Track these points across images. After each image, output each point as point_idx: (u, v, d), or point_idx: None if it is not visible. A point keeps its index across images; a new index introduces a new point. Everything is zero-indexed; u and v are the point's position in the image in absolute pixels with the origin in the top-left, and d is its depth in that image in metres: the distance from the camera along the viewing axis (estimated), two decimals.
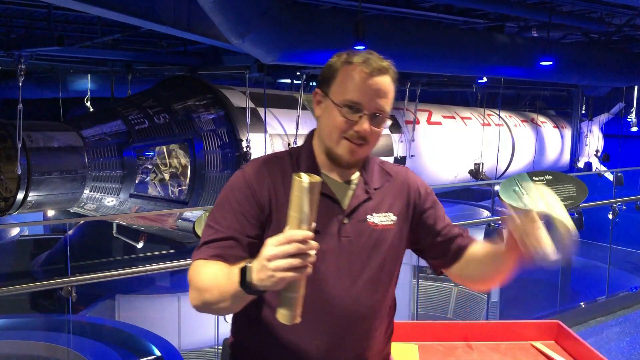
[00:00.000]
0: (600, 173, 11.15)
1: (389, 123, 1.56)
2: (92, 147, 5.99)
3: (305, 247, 1.19)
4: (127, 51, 8.93)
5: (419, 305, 9.76)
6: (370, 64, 1.50)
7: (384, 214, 1.58)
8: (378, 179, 1.62)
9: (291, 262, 1.19)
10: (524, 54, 8.03)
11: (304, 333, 1.50)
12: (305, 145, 1.61)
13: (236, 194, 1.52)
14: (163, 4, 5.16)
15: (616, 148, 14.73)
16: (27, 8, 7.02)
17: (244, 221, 1.49)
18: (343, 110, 1.49)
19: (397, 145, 8.76)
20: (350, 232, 1.54)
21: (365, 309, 1.55)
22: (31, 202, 5.65)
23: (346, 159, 1.52)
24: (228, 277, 1.32)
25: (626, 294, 6.98)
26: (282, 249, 1.19)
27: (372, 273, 1.56)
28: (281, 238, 1.20)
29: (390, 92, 1.53)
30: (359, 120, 1.48)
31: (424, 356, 1.87)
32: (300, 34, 5.86)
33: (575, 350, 1.82)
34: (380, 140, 1.61)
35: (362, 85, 1.49)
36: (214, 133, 6.69)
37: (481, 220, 8.32)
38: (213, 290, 1.36)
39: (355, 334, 1.55)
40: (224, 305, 1.37)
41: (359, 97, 1.48)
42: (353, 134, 1.49)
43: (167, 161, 6.56)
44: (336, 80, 1.52)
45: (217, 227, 1.49)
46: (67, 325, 5.37)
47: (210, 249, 1.47)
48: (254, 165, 1.57)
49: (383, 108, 1.50)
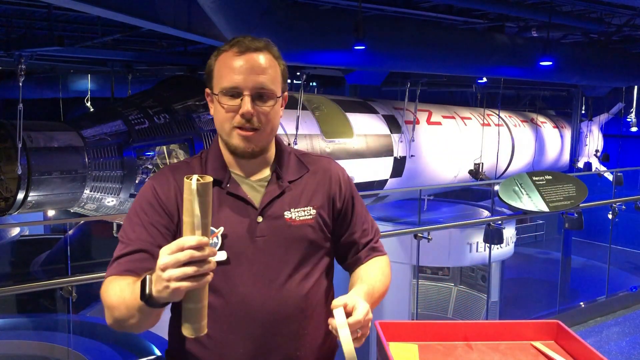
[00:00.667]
0: (600, 173, 11.17)
1: (279, 102, 1.49)
2: (92, 147, 5.99)
3: (199, 255, 1.12)
4: (127, 51, 8.93)
5: (419, 305, 9.78)
6: (241, 44, 1.44)
7: (302, 208, 1.52)
8: (294, 172, 1.56)
9: (184, 270, 1.12)
10: (524, 54, 8.03)
11: (228, 342, 1.46)
12: (213, 146, 1.56)
13: (143, 205, 1.47)
14: (163, 4, 5.16)
15: (616, 148, 14.74)
16: (27, 8, 7.02)
17: (154, 232, 1.43)
18: (224, 99, 1.44)
19: (397, 146, 8.76)
20: (266, 231, 1.47)
21: (290, 309, 1.48)
22: (31, 202, 5.65)
23: (242, 148, 1.46)
24: (132, 291, 1.26)
25: (626, 294, 6.98)
26: (174, 258, 1.12)
27: (293, 271, 1.50)
28: (173, 246, 1.13)
29: (270, 67, 1.46)
30: (242, 104, 1.42)
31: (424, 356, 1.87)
32: (300, 34, 5.86)
33: (575, 350, 1.82)
34: (380, 140, 1.59)
35: (234, 68, 1.43)
36: (214, 133, 6.70)
37: (481, 220, 8.32)
38: (120, 306, 1.31)
39: (282, 335, 1.48)
40: (134, 322, 1.31)
41: (235, 80, 1.42)
42: (240, 120, 1.43)
43: (167, 161, 6.56)
44: (214, 73, 1.48)
45: (127, 241, 1.44)
46: (67, 325, 5.37)
47: (120, 265, 1.41)
48: (161, 174, 1.53)
49: (263, 84, 1.43)
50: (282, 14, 5.61)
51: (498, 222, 5.86)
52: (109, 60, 9.07)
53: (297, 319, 1.50)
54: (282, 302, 1.48)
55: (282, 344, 1.49)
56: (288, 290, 1.49)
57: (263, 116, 1.45)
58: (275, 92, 1.47)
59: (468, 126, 10.69)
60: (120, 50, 8.93)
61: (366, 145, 8.25)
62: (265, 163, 1.55)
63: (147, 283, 1.20)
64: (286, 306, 1.48)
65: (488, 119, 11.32)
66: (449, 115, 10.59)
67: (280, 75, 1.50)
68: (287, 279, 1.49)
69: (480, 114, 11.23)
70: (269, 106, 1.46)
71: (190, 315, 1.20)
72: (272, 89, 1.46)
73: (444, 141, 10.02)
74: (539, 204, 5.72)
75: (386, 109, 9.25)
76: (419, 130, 9.33)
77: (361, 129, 8.31)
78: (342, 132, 8.06)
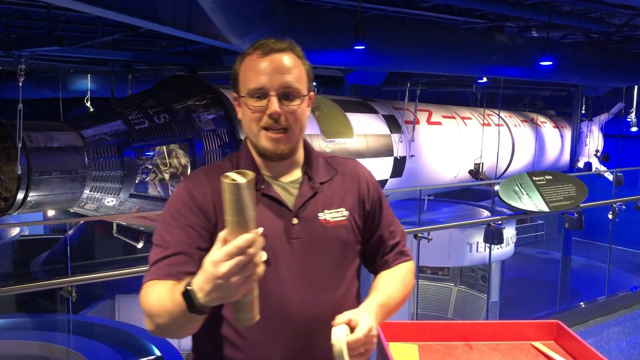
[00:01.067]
0: (600, 173, 11.17)
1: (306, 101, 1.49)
2: (92, 147, 5.98)
3: (253, 252, 1.10)
4: (127, 51, 8.92)
5: (419, 305, 9.78)
6: (265, 46, 1.45)
7: (335, 209, 1.52)
8: (324, 173, 1.56)
9: (244, 276, 1.10)
10: (524, 54, 8.03)
11: (266, 344, 1.43)
12: (243, 149, 1.56)
13: (179, 207, 1.45)
14: (163, 4, 5.15)
15: (616, 148, 14.74)
16: (27, 8, 7.01)
17: (193, 233, 1.41)
18: (250, 101, 1.44)
19: (397, 146, 8.75)
20: (301, 233, 1.47)
21: (327, 312, 1.45)
22: (31, 202, 5.64)
23: (271, 149, 1.46)
24: (172, 300, 1.23)
25: (626, 294, 6.99)
26: (237, 260, 1.09)
27: (330, 273, 1.49)
28: (233, 249, 1.09)
29: (295, 67, 1.46)
30: (268, 104, 1.42)
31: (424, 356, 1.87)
32: (300, 34, 5.86)
33: (575, 350, 1.82)
34: (380, 140, 1.59)
35: (260, 69, 1.43)
36: (214, 133, 6.69)
37: (481, 220, 8.32)
38: (162, 314, 1.27)
39: (318, 339, 1.45)
40: (178, 328, 1.29)
41: (260, 81, 1.42)
42: (268, 120, 1.43)
43: (167, 161, 6.56)
44: (240, 77, 1.48)
45: (164, 244, 1.41)
46: (67, 325, 5.37)
47: (159, 269, 1.39)
48: (194, 176, 1.52)
49: (289, 84, 1.44)
50: (282, 14, 5.60)
51: (498, 222, 5.87)
52: (109, 60, 9.07)
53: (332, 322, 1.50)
54: (319, 304, 1.47)
55: (317, 348, 1.46)
56: (325, 292, 1.48)
57: (291, 115, 1.45)
58: (301, 90, 1.47)
59: (468, 126, 10.68)
60: (120, 50, 8.92)
61: (366, 145, 8.24)
62: (295, 165, 1.55)
63: (192, 294, 1.16)
64: (323, 309, 1.46)
65: (488, 119, 11.32)
66: (449, 115, 10.58)
67: (305, 75, 1.50)
68: (324, 281, 1.48)
69: (480, 114, 11.23)
70: (295, 105, 1.46)
71: (244, 306, 1.19)
72: (298, 87, 1.46)
73: (444, 141, 10.02)
74: (539, 204, 5.72)
75: (386, 109, 9.25)
76: (419, 130, 9.33)
77: (361, 129, 8.31)
78: (342, 132, 8.06)
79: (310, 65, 1.55)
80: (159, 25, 5.23)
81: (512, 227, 9.53)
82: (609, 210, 6.92)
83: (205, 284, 1.13)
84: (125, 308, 6.94)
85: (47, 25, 7.21)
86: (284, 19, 5.60)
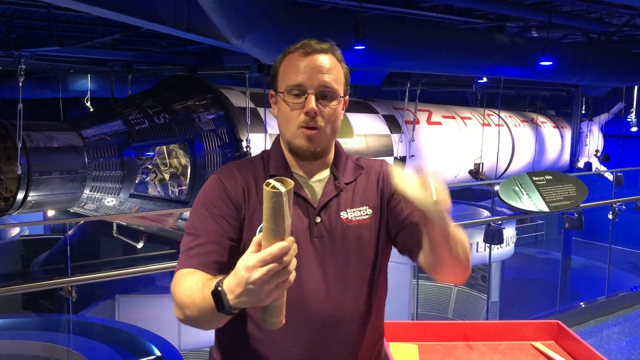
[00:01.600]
0: (600, 173, 11.17)
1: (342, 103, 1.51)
2: (92, 147, 5.99)
3: (286, 260, 1.11)
4: (127, 51, 8.92)
5: (419, 305, 9.78)
6: (308, 46, 1.48)
7: (358, 208, 1.52)
8: (350, 174, 1.57)
9: (276, 283, 1.11)
10: (524, 54, 8.03)
11: (284, 340, 1.45)
12: (274, 146, 1.58)
13: (212, 197, 1.47)
14: (163, 4, 5.15)
15: (616, 148, 14.74)
16: (27, 8, 7.01)
17: (224, 223, 1.44)
18: (288, 97, 1.46)
19: (397, 145, 8.76)
20: (323, 231, 1.48)
21: (347, 312, 1.48)
22: (31, 202, 5.65)
23: (305, 147, 1.47)
24: (203, 296, 1.24)
25: (626, 294, 6.99)
26: (270, 268, 1.10)
27: (351, 272, 1.49)
28: (266, 256, 1.10)
29: (335, 69, 1.49)
30: (306, 102, 1.44)
31: (424, 356, 1.87)
32: (300, 34, 5.84)
33: (575, 350, 1.82)
34: (380, 140, 1.60)
35: (301, 67, 1.46)
36: (214, 133, 6.69)
37: (481, 220, 8.32)
38: (191, 307, 1.29)
39: (337, 338, 1.48)
40: (205, 322, 1.30)
41: (301, 78, 1.45)
42: (304, 117, 1.45)
43: (167, 161, 6.56)
44: (279, 74, 1.51)
45: (196, 233, 1.43)
46: (67, 325, 5.37)
47: (189, 257, 1.41)
48: (226, 170, 1.54)
49: (328, 83, 1.46)
50: (282, 14, 5.60)
51: (498, 222, 5.86)
52: (109, 60, 9.06)
53: (353, 322, 1.50)
54: (339, 304, 1.47)
55: (336, 348, 1.48)
56: (344, 290, 1.48)
57: (326, 116, 1.47)
58: (338, 92, 1.49)
59: (468, 126, 10.69)
60: (120, 50, 8.92)
61: (366, 145, 8.24)
62: (325, 165, 1.56)
63: (222, 295, 1.17)
64: (343, 308, 1.47)
65: (488, 119, 11.32)
66: (449, 115, 10.59)
67: (344, 77, 1.53)
68: (344, 279, 1.49)
69: (480, 114, 11.23)
70: (332, 107, 1.48)
71: (271, 310, 1.20)
72: (336, 88, 1.49)
73: (444, 141, 10.02)
74: (539, 204, 5.71)
75: (386, 109, 9.25)
76: (419, 130, 9.33)
77: (361, 129, 8.31)
78: (342, 132, 8.06)
79: (348, 70, 1.58)
80: (159, 25, 5.23)
81: (512, 227, 9.52)
82: (609, 210, 6.91)
83: (236, 287, 1.14)
84: (125, 308, 6.94)
85: (47, 25, 7.21)
86: (284, 19, 5.60)
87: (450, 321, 1.98)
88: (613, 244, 7.68)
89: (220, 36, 5.30)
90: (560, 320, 1.98)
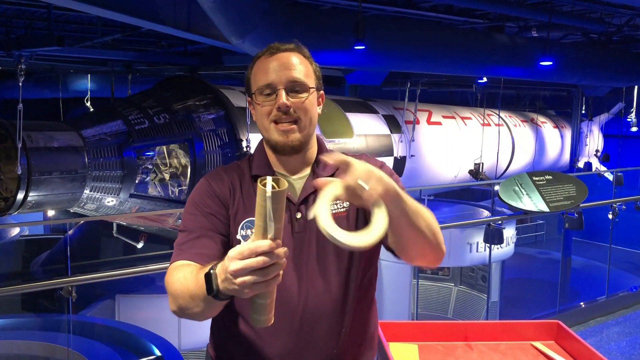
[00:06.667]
0: (600, 173, 11.17)
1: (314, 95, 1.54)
2: (92, 147, 5.98)
3: (270, 260, 1.13)
4: (127, 51, 8.93)
5: (419, 305, 9.78)
6: (272, 47, 1.54)
7: (335, 201, 1.53)
8: (330, 169, 1.57)
9: (256, 278, 1.13)
10: (524, 54, 8.03)
11: (266, 335, 1.49)
12: (257, 148, 1.65)
13: (203, 197, 1.55)
14: (163, 4, 5.16)
15: (616, 148, 14.74)
16: (27, 8, 7.02)
17: (215, 220, 1.51)
18: (260, 98, 1.51)
19: (397, 146, 8.75)
20: (303, 227, 1.52)
21: (329, 305, 1.50)
22: (31, 202, 5.64)
23: (282, 141, 1.52)
24: (196, 282, 1.29)
25: (626, 294, 6.99)
26: (246, 264, 1.12)
27: (330, 266, 1.51)
28: (245, 251, 1.13)
29: (302, 64, 1.54)
30: (277, 98, 1.49)
31: (424, 356, 1.87)
32: (300, 34, 5.85)
33: (575, 350, 1.82)
34: (380, 140, 1.60)
35: (270, 67, 1.51)
36: (214, 133, 6.69)
37: (481, 220, 8.32)
38: (184, 295, 1.34)
39: (321, 332, 1.50)
40: (198, 310, 1.33)
41: (268, 77, 1.50)
42: (277, 113, 1.49)
43: (167, 161, 6.56)
44: (251, 79, 1.56)
45: (188, 229, 1.51)
46: (67, 325, 5.37)
47: (182, 251, 1.47)
48: (214, 173, 1.62)
49: (295, 77, 1.50)
50: (282, 14, 5.60)
51: (498, 222, 5.87)
52: (109, 60, 9.07)
53: (336, 316, 1.52)
54: (321, 297, 1.51)
55: (320, 341, 1.51)
56: (327, 285, 1.51)
57: (299, 107, 1.51)
58: (307, 84, 1.53)
59: (468, 126, 10.68)
60: (120, 50, 8.93)
61: (366, 145, 8.24)
62: (306, 162, 1.60)
63: (213, 278, 1.21)
64: (325, 302, 1.51)
65: (488, 119, 11.32)
66: (449, 115, 10.59)
67: (313, 72, 1.57)
68: (326, 274, 1.52)
69: (480, 114, 11.23)
70: (303, 97, 1.51)
71: (260, 309, 1.23)
72: (305, 81, 1.52)
73: (444, 141, 10.02)
74: (539, 204, 5.72)
75: (386, 109, 9.24)
76: (419, 130, 9.33)
77: (361, 129, 8.31)
78: (342, 132, 8.06)
79: (318, 66, 1.61)
80: (159, 25, 5.23)
81: (512, 227, 9.52)
82: (609, 210, 6.92)
83: (221, 272, 1.19)
84: (125, 308, 6.94)
85: (47, 25, 7.20)
86: (284, 19, 5.60)
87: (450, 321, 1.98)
88: (613, 244, 7.69)
89: (220, 36, 5.30)
90: (560, 320, 1.98)
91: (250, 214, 1.51)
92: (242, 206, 1.53)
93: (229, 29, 4.97)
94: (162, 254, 7.75)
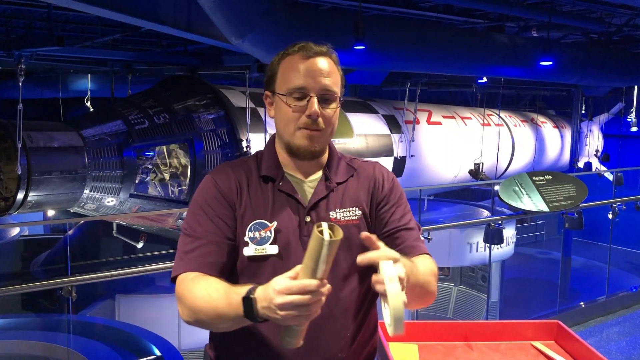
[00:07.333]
0: (600, 173, 11.17)
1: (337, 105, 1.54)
2: (92, 147, 5.98)
3: (311, 299, 1.19)
4: (127, 51, 8.92)
5: None
6: (308, 49, 1.51)
7: (347, 208, 1.55)
8: (342, 175, 1.59)
9: (300, 312, 1.19)
10: (524, 54, 8.03)
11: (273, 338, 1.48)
12: (267, 146, 1.62)
13: (207, 198, 1.52)
14: (163, 4, 5.15)
15: (616, 148, 14.74)
16: (27, 8, 7.02)
17: (221, 224, 1.49)
18: (290, 100, 1.49)
19: (397, 145, 8.75)
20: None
21: (334, 309, 1.50)
22: (31, 202, 5.64)
23: (305, 147, 1.51)
24: (228, 302, 1.31)
25: (626, 294, 6.98)
26: (293, 299, 1.18)
27: (338, 270, 1.51)
28: (294, 287, 1.19)
29: (334, 73, 1.53)
30: (308, 105, 1.47)
31: (424, 356, 1.87)
32: (301, 34, 5.85)
33: (575, 350, 1.82)
34: (380, 140, 1.61)
35: (303, 70, 1.49)
36: (214, 133, 6.69)
37: (481, 220, 8.32)
38: (209, 312, 1.35)
39: (325, 335, 1.51)
40: (223, 327, 1.36)
41: (303, 81, 1.48)
42: (306, 120, 1.48)
43: (167, 161, 6.56)
44: (278, 75, 1.53)
45: (195, 235, 1.48)
46: (67, 325, 5.37)
47: (192, 260, 1.45)
48: (220, 170, 1.58)
49: (329, 87, 1.49)
50: (282, 14, 5.60)
51: (498, 222, 5.87)
52: (109, 60, 9.06)
53: (341, 319, 1.53)
54: (328, 301, 1.47)
55: (324, 344, 1.51)
56: (334, 289, 1.48)
57: (327, 118, 1.51)
58: (337, 95, 1.53)
59: (468, 126, 10.68)
60: (120, 50, 8.92)
61: (366, 145, 8.24)
62: (318, 166, 1.59)
63: (254, 303, 1.25)
64: (330, 305, 1.48)
65: (488, 119, 11.31)
66: (449, 115, 10.58)
67: (340, 79, 1.56)
68: (332, 278, 1.48)
69: (480, 114, 11.23)
70: (332, 109, 1.52)
71: (294, 334, 1.28)
72: (336, 91, 1.52)
73: (444, 141, 10.01)
74: (539, 204, 5.72)
75: (386, 109, 9.24)
76: (419, 130, 9.33)
77: (361, 129, 8.31)
78: (342, 132, 8.06)
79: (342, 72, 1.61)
80: (159, 25, 5.23)
81: (512, 227, 9.52)
82: (609, 210, 6.91)
83: (263, 300, 1.23)
84: (125, 308, 6.94)
85: (47, 25, 7.21)
86: (284, 19, 5.60)
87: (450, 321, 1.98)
88: (613, 244, 7.68)
89: (220, 36, 5.30)
90: (560, 320, 1.97)
91: (258, 215, 1.50)
92: (249, 207, 1.51)
93: (229, 29, 4.97)
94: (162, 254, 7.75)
